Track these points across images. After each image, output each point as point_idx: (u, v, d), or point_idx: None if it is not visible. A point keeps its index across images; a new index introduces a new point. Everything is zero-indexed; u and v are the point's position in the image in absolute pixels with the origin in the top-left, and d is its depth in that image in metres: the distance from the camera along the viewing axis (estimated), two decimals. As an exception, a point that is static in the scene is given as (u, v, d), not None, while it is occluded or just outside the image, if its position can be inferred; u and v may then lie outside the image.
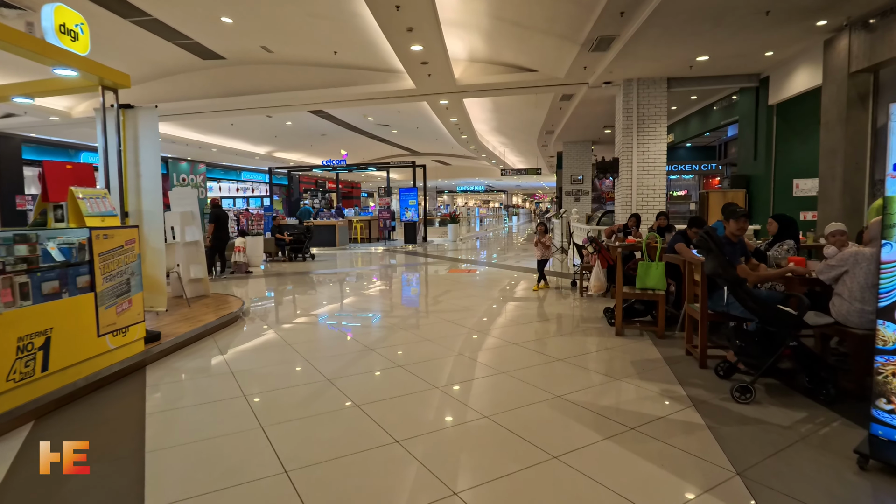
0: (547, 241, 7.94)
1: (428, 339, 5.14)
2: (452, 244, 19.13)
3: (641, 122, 9.68)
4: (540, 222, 8.17)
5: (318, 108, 12.50)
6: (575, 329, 5.50)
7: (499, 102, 13.88)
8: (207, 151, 20.17)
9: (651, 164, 9.71)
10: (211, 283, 9.61)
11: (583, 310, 6.52)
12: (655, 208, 9.72)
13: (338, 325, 5.95)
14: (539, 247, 7.95)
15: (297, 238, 13.06)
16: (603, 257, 5.60)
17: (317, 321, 6.14)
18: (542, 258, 7.99)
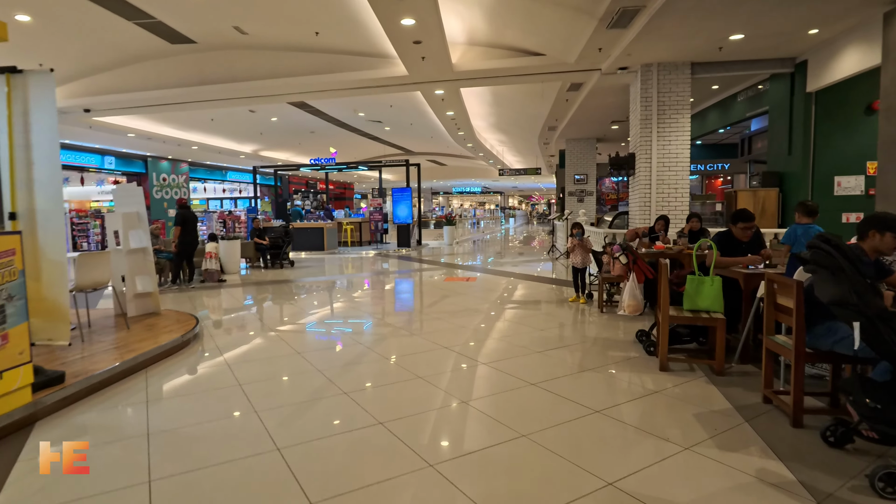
0: (588, 244, 6.86)
1: (419, 376, 4.01)
2: (448, 247, 18.01)
3: (662, 113, 8.60)
4: (575, 223, 7.12)
5: (299, 98, 11.38)
6: (605, 359, 4.39)
7: (499, 94, 12.79)
8: (188, 149, 18.97)
9: (672, 160, 8.63)
10: (175, 294, 8.48)
11: (607, 330, 5.41)
12: (678, 209, 8.65)
13: (304, 353, 4.81)
14: (578, 252, 6.87)
15: (275, 242, 11.89)
16: (640, 270, 4.49)
17: (279, 349, 4.99)
18: (582, 265, 6.92)
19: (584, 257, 6.85)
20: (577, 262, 6.90)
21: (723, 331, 3.85)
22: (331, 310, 7.15)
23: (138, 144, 17.71)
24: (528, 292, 8.13)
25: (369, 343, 5.12)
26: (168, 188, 21.49)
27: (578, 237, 6.90)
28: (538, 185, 48.54)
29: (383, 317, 6.63)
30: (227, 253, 11.18)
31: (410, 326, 5.89)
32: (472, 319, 6.12)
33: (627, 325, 5.51)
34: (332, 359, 4.61)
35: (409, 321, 6.25)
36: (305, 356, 4.61)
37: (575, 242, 6.89)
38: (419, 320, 6.26)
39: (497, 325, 5.81)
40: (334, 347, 4.98)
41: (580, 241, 6.87)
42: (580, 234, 6.88)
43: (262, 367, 4.36)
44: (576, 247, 6.88)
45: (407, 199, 17.21)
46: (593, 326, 5.67)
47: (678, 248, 6.05)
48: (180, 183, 22.21)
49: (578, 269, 6.94)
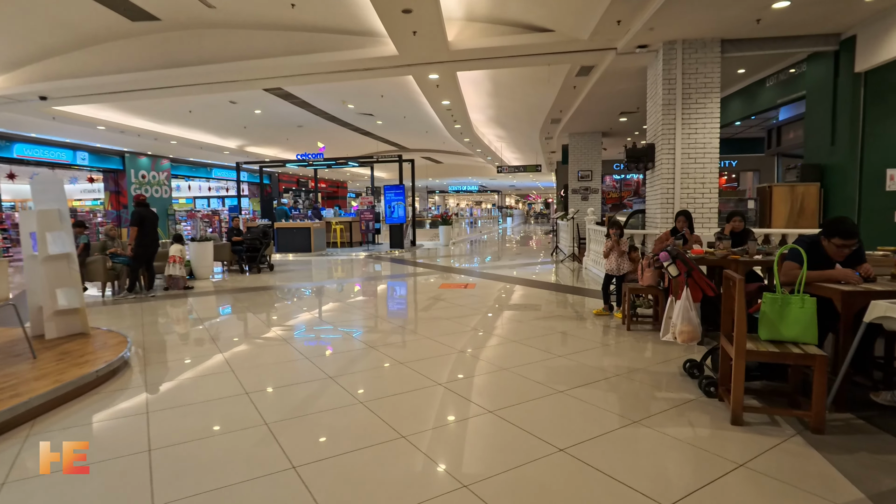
0: (625, 245, 5.82)
1: (401, 434, 2.92)
2: (444, 248, 16.92)
3: (687, 97, 7.54)
4: (613, 222, 6.09)
5: (276, 84, 10.24)
6: (653, 404, 3.30)
7: (499, 83, 11.69)
8: (166, 144, 17.79)
9: (699, 150, 7.57)
10: (130, 305, 7.34)
11: (644, 356, 4.33)
12: (705, 206, 7.59)
13: (255, 395, 3.70)
14: (614, 256, 5.84)
15: (252, 244, 10.76)
16: (696, 285, 3.40)
17: (224, 387, 3.88)
18: (617, 271, 5.89)
19: (619, 262, 5.78)
20: (612, 267, 5.83)
21: (823, 371, 2.77)
22: (297, 330, 6.04)
23: (112, 139, 16.53)
24: (536, 302, 7.05)
25: (338, 376, 4.01)
26: (148, 186, 20.35)
27: (612, 239, 5.83)
28: (536, 183, 47.56)
29: (363, 335, 5.53)
30: (197, 256, 10.06)
31: (396, 351, 4.79)
32: (472, 341, 5.03)
33: (668, 350, 4.43)
34: (287, 404, 3.50)
35: (395, 344, 5.15)
36: (255, 400, 3.51)
37: (613, 244, 5.82)
38: (407, 343, 5.16)
39: (503, 349, 4.72)
40: (292, 385, 3.88)
41: (613, 243, 5.80)
42: (619, 234, 5.81)
43: (190, 419, 3.25)
44: (612, 249, 5.81)
45: (400, 198, 16.10)
46: (625, 351, 4.58)
47: (721, 253, 4.98)
48: (161, 180, 21.07)
49: (613, 276, 5.86)
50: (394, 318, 6.37)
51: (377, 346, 4.87)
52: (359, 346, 4.93)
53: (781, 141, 9.27)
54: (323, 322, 6.21)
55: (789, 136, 8.99)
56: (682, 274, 3.36)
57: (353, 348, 4.86)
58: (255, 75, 9.52)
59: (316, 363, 4.32)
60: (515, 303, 7.05)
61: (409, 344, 5.00)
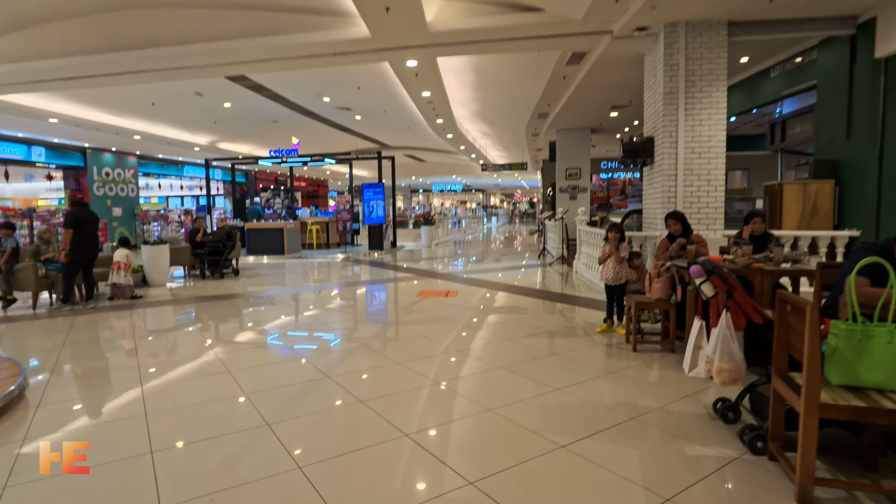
0: (625, 251, 5.04)
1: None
2: (427, 250, 16.09)
3: (691, 85, 6.81)
4: (612, 225, 5.27)
5: (238, 70, 9.31)
6: (682, 465, 2.52)
7: (484, 73, 10.90)
8: (129, 139, 16.66)
9: (704, 144, 6.85)
10: (64, 319, 6.35)
11: (660, 389, 3.56)
12: (710, 206, 6.88)
13: (166, 454, 2.84)
14: (612, 263, 5.07)
15: (214, 247, 9.81)
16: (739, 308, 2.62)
17: (125, 443, 3.01)
18: (615, 281, 5.09)
19: (617, 270, 5.00)
20: (609, 276, 5.04)
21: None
22: (242, 352, 5.17)
23: (70, 133, 15.38)
24: (524, 314, 6.26)
25: (275, 422, 3.16)
26: (112, 184, 19.15)
27: (611, 243, 5.05)
28: (521, 182, 46.96)
29: (320, 358, 4.67)
30: (151, 261, 9.09)
31: (355, 383, 3.95)
32: (451, 367, 4.21)
33: (687, 380, 3.67)
34: (195, 471, 2.64)
35: (357, 371, 4.31)
36: (158, 465, 2.64)
37: (611, 250, 5.04)
38: (372, 370, 4.33)
39: (488, 378, 3.91)
40: (212, 439, 3.01)
41: (611, 248, 5.02)
42: (620, 238, 5.03)
43: (71, 496, 2.38)
44: (610, 256, 5.04)
45: (379, 197, 15.22)
46: (635, 381, 3.80)
47: (743, 261, 4.24)
48: (127, 178, 19.87)
49: (612, 286, 5.08)
50: (361, 335, 5.52)
51: (333, 375, 4.02)
52: (311, 374, 4.07)
53: (786, 136, 8.64)
54: (277, 340, 5.33)
55: (795, 130, 8.35)
56: (721, 294, 2.60)
57: (304, 378, 4.00)
58: (214, 60, 8.58)
59: (254, 401, 3.46)
60: (502, 315, 6.25)
61: (375, 372, 4.16)
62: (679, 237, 5.10)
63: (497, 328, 5.50)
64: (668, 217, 5.17)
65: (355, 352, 4.76)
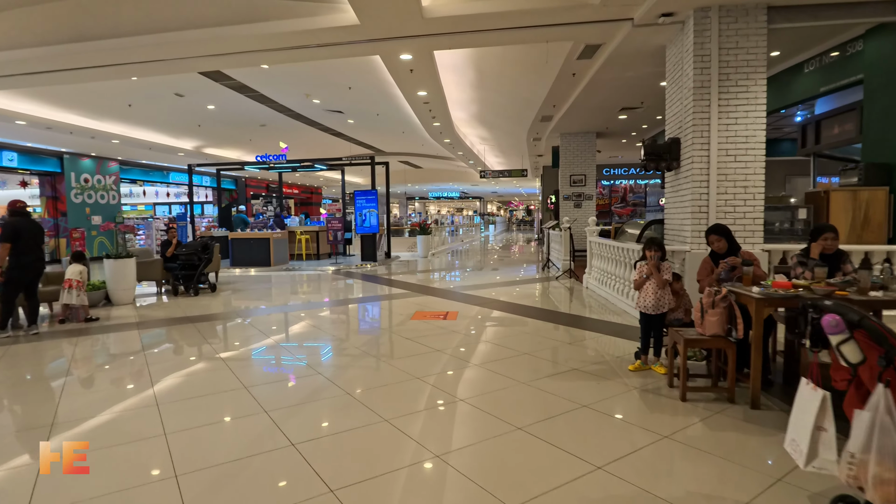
0: (667, 272, 4.14)
1: None
2: (423, 260, 15.18)
3: (725, 78, 5.96)
4: (651, 241, 4.29)
5: (213, 65, 8.41)
6: None
7: (484, 70, 10.04)
8: (107, 143, 15.72)
9: (740, 146, 5.99)
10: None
11: (740, 466, 2.65)
12: (748, 216, 6.00)
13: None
14: (652, 286, 4.15)
15: (188, 261, 8.86)
16: None
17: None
18: (656, 309, 4.15)
19: (659, 296, 4.09)
20: (649, 303, 4.12)
21: None
22: (185, 403, 4.23)
23: (41, 137, 14.42)
24: (537, 343, 5.34)
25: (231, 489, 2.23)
26: (92, 191, 18.16)
27: (647, 262, 4.15)
28: (519, 189, 46.18)
29: (281, 416, 3.74)
30: (115, 276, 8.14)
31: (322, 459, 3.01)
32: (451, 428, 3.29)
33: (773, 451, 2.76)
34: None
35: (326, 436, 3.38)
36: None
37: (650, 270, 4.13)
38: (347, 435, 3.39)
39: (504, 444, 2.99)
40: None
41: (650, 268, 4.12)
42: (661, 256, 4.13)
43: None
44: (650, 278, 4.13)
45: (372, 204, 14.31)
46: (699, 451, 2.88)
47: (822, 289, 3.35)
48: (108, 185, 18.88)
49: (651, 315, 4.17)
50: (340, 376, 4.57)
51: (297, 440, 3.08)
52: (267, 440, 3.13)
53: (821, 138, 7.80)
54: (234, 384, 4.38)
55: (833, 131, 7.51)
56: (874, 360, 1.70)
57: (257, 447, 3.05)
58: (186, 52, 7.67)
59: (181, 486, 2.52)
60: (511, 345, 5.33)
61: (352, 438, 3.22)
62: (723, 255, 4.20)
63: (508, 365, 4.57)
64: (710, 232, 4.26)
65: (331, 402, 3.82)
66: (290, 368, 4.72)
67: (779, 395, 3.70)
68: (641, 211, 25.52)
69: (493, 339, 5.58)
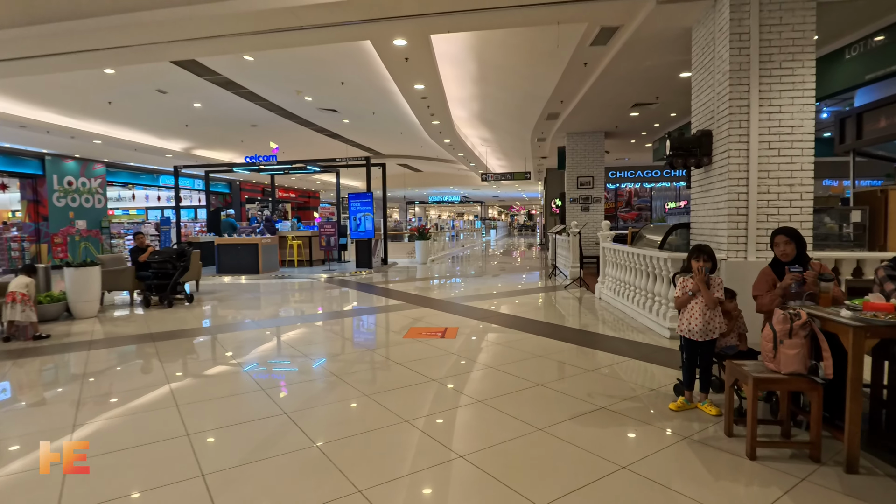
0: (719, 288, 3.32)
1: None
2: (422, 267, 14.36)
3: (767, 60, 5.15)
4: (698, 249, 3.42)
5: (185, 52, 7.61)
6: None
7: (487, 62, 9.24)
8: (87, 143, 14.94)
9: (785, 138, 5.17)
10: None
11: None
12: (793, 218, 5.18)
13: None
14: (699, 305, 3.34)
15: (161, 270, 8.04)
16: None
17: None
18: (704, 335, 3.33)
19: (708, 319, 3.26)
20: (695, 327, 3.28)
21: None
22: (122, 462, 3.38)
23: (16, 136, 13.66)
24: (556, 372, 4.51)
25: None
26: (77, 194, 17.38)
27: (693, 276, 3.32)
28: (520, 193, 45.41)
29: (228, 486, 2.90)
30: (76, 287, 7.32)
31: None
32: (447, 493, 2.45)
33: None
34: None
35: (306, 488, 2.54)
36: None
37: (697, 285, 3.30)
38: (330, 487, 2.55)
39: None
40: None
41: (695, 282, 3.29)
42: (711, 268, 3.30)
43: None
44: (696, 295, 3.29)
45: (367, 208, 13.50)
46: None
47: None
48: (94, 188, 18.08)
49: (698, 341, 3.32)
50: (305, 421, 3.72)
51: None
52: None
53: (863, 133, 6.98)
54: (177, 429, 3.54)
55: (877, 124, 6.69)
56: None
57: None
58: (154, 37, 6.87)
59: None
60: (519, 372, 4.48)
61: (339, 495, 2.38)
62: (788, 264, 3.36)
63: (518, 402, 3.73)
64: (777, 233, 3.39)
65: (288, 461, 2.98)
66: (250, 403, 3.88)
67: (879, 451, 2.84)
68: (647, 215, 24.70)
69: (499, 363, 4.74)
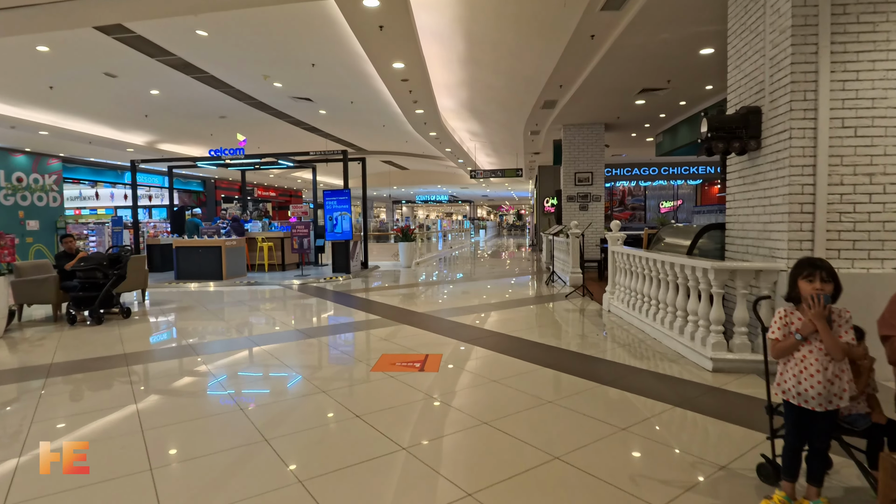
0: (846, 327, 2.10)
1: None
2: (406, 272, 13.09)
3: (841, 13, 3.99)
4: (811, 262, 2.17)
5: (112, 15, 6.30)
6: None
7: (477, 37, 8.01)
8: (34, 135, 13.46)
9: (864, 112, 4.01)
10: None
11: None
12: (874, 218, 4.01)
13: None
14: (821, 359, 2.10)
15: (89, 279, 6.70)
16: None
17: None
18: (826, 403, 2.11)
19: (833, 374, 2.05)
20: (810, 388, 2.06)
21: None
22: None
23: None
24: (570, 426, 3.28)
25: None
26: (27, 191, 15.82)
27: (826, 304, 2.09)
28: (510, 192, 44.31)
29: None
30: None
31: None
32: None
33: None
34: None
35: None
36: None
37: (814, 323, 2.07)
38: None
39: None
40: None
41: (811, 315, 2.07)
42: (834, 292, 2.09)
43: None
44: (811, 337, 2.08)
45: (344, 206, 12.21)
46: None
47: None
48: (48, 185, 16.54)
49: (816, 413, 2.11)
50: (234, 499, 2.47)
51: None
52: None
53: None
54: None
55: None
56: None
57: None
58: None
59: None
60: (525, 433, 3.25)
61: None
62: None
63: (529, 497, 2.49)
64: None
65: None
66: (129, 489, 2.60)
67: None
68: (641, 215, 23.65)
69: (495, 415, 3.50)
